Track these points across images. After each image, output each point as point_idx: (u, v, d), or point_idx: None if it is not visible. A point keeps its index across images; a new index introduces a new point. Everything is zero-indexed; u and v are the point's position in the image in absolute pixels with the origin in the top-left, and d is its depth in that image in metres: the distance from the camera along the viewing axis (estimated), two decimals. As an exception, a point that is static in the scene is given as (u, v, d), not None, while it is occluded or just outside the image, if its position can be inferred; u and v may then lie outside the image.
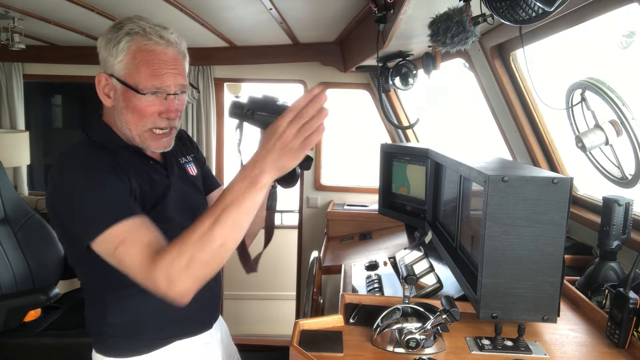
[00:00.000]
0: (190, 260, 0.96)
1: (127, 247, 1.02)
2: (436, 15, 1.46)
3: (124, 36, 1.14)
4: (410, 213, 2.20)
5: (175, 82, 1.17)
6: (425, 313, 1.19)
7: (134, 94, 1.14)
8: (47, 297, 2.25)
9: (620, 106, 1.30)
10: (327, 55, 3.23)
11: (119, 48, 1.13)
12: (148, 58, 1.14)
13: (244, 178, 0.96)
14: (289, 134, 0.93)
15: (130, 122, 1.17)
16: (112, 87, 1.17)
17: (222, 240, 0.97)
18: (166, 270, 0.97)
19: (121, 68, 1.14)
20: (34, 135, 4.06)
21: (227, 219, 0.96)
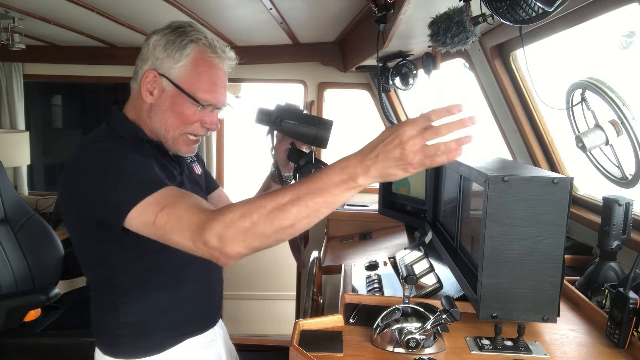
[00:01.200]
0: (253, 227, 0.90)
1: (172, 209, 0.97)
2: (436, 15, 1.46)
3: (189, 43, 1.15)
4: (410, 213, 2.20)
5: (224, 99, 1.22)
6: (425, 313, 1.19)
7: (185, 100, 1.15)
8: (47, 297, 2.25)
9: (620, 106, 1.30)
10: (327, 55, 3.23)
11: (183, 53, 1.14)
12: (210, 71, 1.16)
13: (342, 170, 0.89)
14: (413, 145, 0.83)
15: (169, 123, 1.18)
16: (160, 87, 1.16)
17: (293, 221, 0.90)
18: (223, 228, 0.90)
19: (180, 73, 1.15)
20: (34, 135, 4.05)
21: (309, 203, 0.89)
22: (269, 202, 0.90)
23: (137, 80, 1.20)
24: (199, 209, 0.96)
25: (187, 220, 0.95)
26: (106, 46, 3.39)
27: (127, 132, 1.19)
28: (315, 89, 3.42)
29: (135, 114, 1.22)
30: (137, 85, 1.19)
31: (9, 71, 3.62)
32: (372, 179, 0.88)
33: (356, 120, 4.53)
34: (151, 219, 0.98)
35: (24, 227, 2.63)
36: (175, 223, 0.96)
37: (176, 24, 1.18)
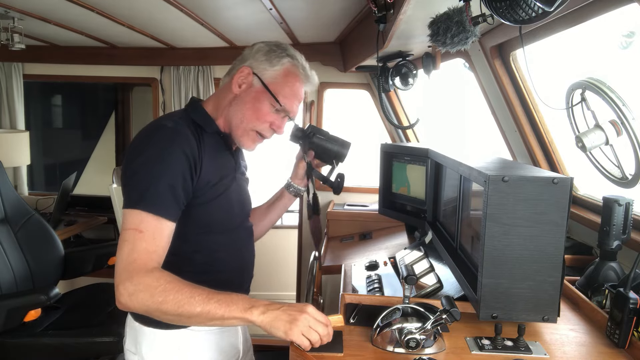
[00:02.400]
0: (161, 303, 1.08)
1: (141, 239, 1.13)
2: (436, 15, 1.46)
3: (287, 57, 1.35)
4: (410, 213, 2.20)
5: (296, 112, 1.40)
6: (425, 313, 1.19)
7: (267, 98, 1.32)
8: (47, 297, 2.25)
9: (620, 106, 1.30)
10: (327, 55, 3.23)
11: (279, 61, 1.33)
12: (295, 83, 1.35)
13: (246, 306, 1.09)
14: (308, 319, 1.07)
15: (246, 115, 1.33)
16: (249, 83, 1.33)
17: (188, 316, 1.09)
18: (142, 290, 1.08)
19: (270, 76, 1.33)
20: (34, 135, 4.06)
21: (206, 322, 1.10)
22: (186, 304, 1.08)
23: (230, 74, 1.38)
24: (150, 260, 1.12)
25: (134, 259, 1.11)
26: (106, 46, 3.39)
27: (199, 117, 1.33)
28: (315, 89, 3.42)
29: (214, 105, 1.37)
30: (229, 78, 1.37)
31: (9, 71, 3.62)
32: (261, 320, 1.07)
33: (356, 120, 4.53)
34: (126, 226, 1.15)
35: (24, 227, 2.63)
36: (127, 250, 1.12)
37: (283, 43, 1.38)
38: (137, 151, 1.22)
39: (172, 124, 1.25)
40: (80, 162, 4.84)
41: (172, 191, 1.17)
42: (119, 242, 1.14)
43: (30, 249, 2.61)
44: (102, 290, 2.78)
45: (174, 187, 1.18)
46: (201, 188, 1.25)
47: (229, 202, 1.35)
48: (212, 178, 1.28)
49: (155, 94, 3.63)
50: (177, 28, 2.77)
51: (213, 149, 1.31)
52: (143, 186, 1.16)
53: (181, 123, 1.27)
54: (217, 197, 1.30)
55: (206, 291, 1.10)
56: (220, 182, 1.31)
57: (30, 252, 2.61)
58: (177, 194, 1.18)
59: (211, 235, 1.32)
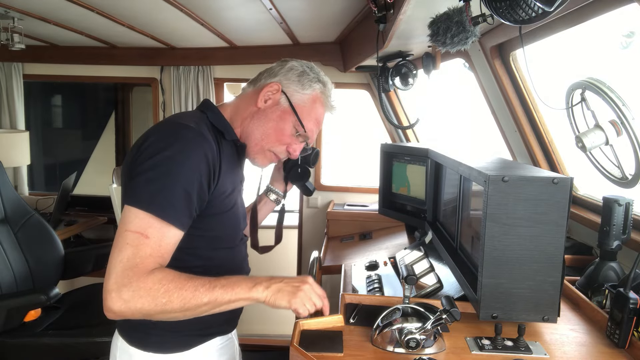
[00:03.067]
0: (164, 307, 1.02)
1: (143, 242, 1.03)
2: (436, 15, 1.46)
3: (318, 83, 1.32)
4: (410, 213, 2.20)
5: (314, 139, 1.38)
6: (425, 313, 1.19)
7: (291, 120, 1.29)
8: (47, 297, 2.25)
9: (620, 106, 1.30)
10: (327, 55, 3.23)
11: (311, 86, 1.30)
12: (320, 110, 1.33)
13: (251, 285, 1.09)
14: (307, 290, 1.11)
15: (267, 135, 1.29)
16: (276, 100, 1.29)
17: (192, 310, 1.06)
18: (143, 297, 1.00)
19: (299, 98, 1.29)
20: (34, 135, 4.06)
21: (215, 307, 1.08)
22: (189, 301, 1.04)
23: (255, 85, 1.33)
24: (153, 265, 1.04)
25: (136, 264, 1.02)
26: (106, 46, 3.39)
27: (220, 123, 1.27)
28: None
29: (232, 112, 1.31)
30: (254, 89, 1.32)
31: (9, 71, 3.62)
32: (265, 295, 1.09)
33: (356, 120, 4.53)
34: (130, 227, 1.04)
35: (24, 227, 2.63)
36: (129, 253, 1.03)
37: (316, 67, 1.36)
38: (155, 147, 1.10)
39: (195, 125, 1.16)
40: (80, 162, 4.84)
41: (187, 198, 1.09)
42: (116, 241, 1.04)
43: (30, 249, 2.61)
44: (102, 290, 2.77)
45: (190, 194, 1.09)
46: (216, 198, 1.18)
47: (236, 216, 1.29)
48: (227, 188, 1.22)
49: (155, 94, 3.63)
50: (177, 28, 2.77)
51: (228, 157, 1.25)
52: (156, 187, 1.06)
53: (203, 125, 1.20)
54: (229, 210, 1.24)
55: (207, 280, 1.07)
56: (232, 193, 1.25)
57: (30, 252, 2.61)
58: (191, 201, 1.10)
59: (219, 250, 1.27)
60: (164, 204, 1.06)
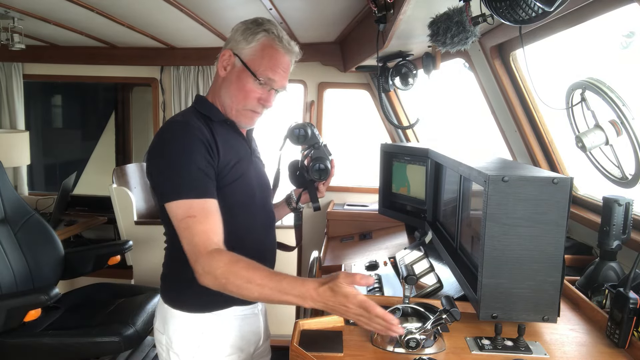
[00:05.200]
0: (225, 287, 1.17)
1: (195, 222, 1.20)
2: (436, 15, 1.46)
3: (262, 31, 1.36)
4: (410, 213, 2.20)
5: (282, 82, 1.40)
6: (425, 313, 1.19)
7: (248, 76, 1.35)
8: (47, 297, 2.25)
9: (620, 106, 1.30)
10: (327, 55, 3.23)
11: (255, 38, 1.35)
12: (272, 55, 1.37)
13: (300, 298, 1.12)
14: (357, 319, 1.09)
15: (234, 96, 1.38)
16: (232, 64, 1.38)
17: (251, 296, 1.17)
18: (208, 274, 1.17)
19: (248, 53, 1.36)
20: (34, 135, 4.06)
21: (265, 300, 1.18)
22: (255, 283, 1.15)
23: (218, 58, 1.41)
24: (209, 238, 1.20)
25: (196, 243, 1.19)
26: (106, 46, 3.39)
27: (206, 109, 1.39)
28: (315, 89, 3.42)
29: (212, 93, 1.43)
30: (218, 62, 1.40)
31: (9, 71, 3.62)
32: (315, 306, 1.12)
33: (356, 120, 4.53)
34: (179, 217, 1.22)
35: (24, 227, 2.63)
36: (189, 236, 1.21)
37: (260, 19, 1.40)
38: (158, 150, 1.30)
39: (181, 117, 1.35)
40: (80, 162, 4.84)
41: (201, 172, 1.25)
42: (180, 232, 1.22)
43: (30, 249, 2.61)
44: (102, 290, 2.77)
45: (202, 169, 1.25)
46: (222, 170, 1.31)
47: (249, 184, 1.41)
48: (231, 159, 1.34)
49: (155, 94, 3.63)
50: (177, 28, 2.77)
51: (225, 135, 1.37)
52: (176, 178, 1.24)
53: (189, 115, 1.35)
54: (238, 179, 1.36)
55: (262, 276, 1.15)
56: (238, 163, 1.37)
57: (30, 252, 2.61)
58: (206, 173, 1.26)
59: (234, 218, 1.36)
60: (189, 186, 1.23)
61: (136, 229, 3.25)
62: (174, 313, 1.39)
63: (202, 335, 1.39)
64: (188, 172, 1.24)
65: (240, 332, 1.44)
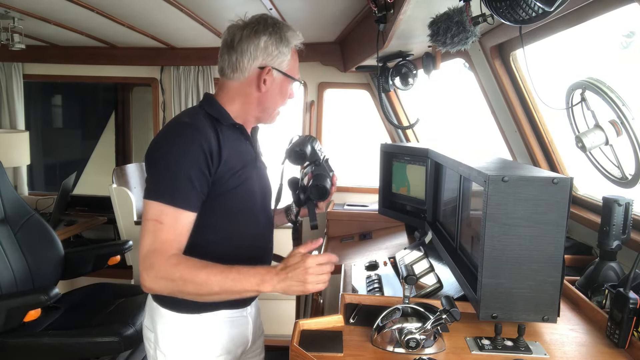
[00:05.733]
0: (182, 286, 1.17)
1: (159, 227, 1.20)
2: (436, 15, 1.46)
3: (292, 37, 1.40)
4: (410, 213, 2.20)
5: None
6: (425, 313, 1.19)
7: (289, 82, 1.42)
8: (47, 297, 2.25)
9: (620, 106, 1.30)
10: (327, 55, 3.23)
11: (288, 47, 1.39)
12: (296, 56, 1.45)
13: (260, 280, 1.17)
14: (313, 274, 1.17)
15: (277, 103, 1.42)
16: (272, 79, 1.38)
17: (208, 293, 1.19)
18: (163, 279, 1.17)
19: (286, 64, 1.39)
20: (34, 135, 4.06)
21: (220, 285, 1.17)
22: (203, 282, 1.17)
23: (243, 73, 1.37)
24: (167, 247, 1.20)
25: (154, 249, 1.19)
26: (106, 46, 3.39)
27: (215, 111, 1.37)
28: (315, 89, 3.42)
29: (228, 100, 1.41)
30: (245, 79, 1.38)
31: (9, 71, 3.62)
32: (275, 290, 1.17)
33: (356, 120, 4.53)
34: (148, 216, 1.22)
35: (24, 227, 2.63)
36: (149, 239, 1.20)
37: (269, 21, 1.39)
38: (157, 146, 1.29)
39: (189, 119, 1.32)
40: (80, 162, 4.84)
41: (190, 182, 1.23)
42: (141, 230, 1.22)
43: (30, 249, 2.61)
44: (102, 290, 2.78)
45: (192, 179, 1.23)
46: (224, 175, 1.30)
47: (251, 189, 1.40)
48: (235, 165, 1.33)
49: (155, 94, 3.63)
50: (177, 28, 2.77)
51: (232, 139, 1.36)
52: (162, 179, 1.24)
53: (198, 117, 1.33)
54: (241, 185, 1.35)
55: (220, 271, 1.17)
56: (242, 169, 1.36)
57: (30, 252, 2.61)
58: (195, 184, 1.24)
59: (235, 223, 1.38)
60: (171, 191, 1.22)
61: (136, 229, 3.25)
62: (163, 312, 1.40)
63: (189, 336, 1.39)
64: (176, 178, 1.23)
65: (228, 335, 1.44)
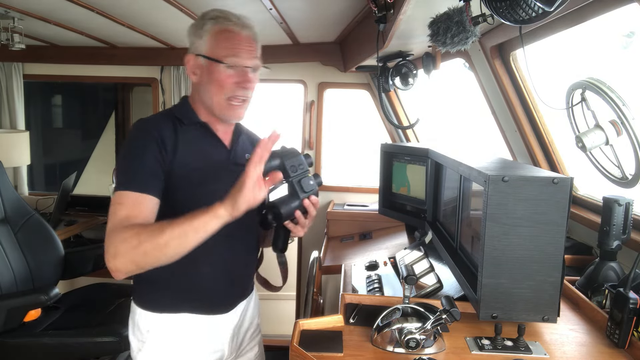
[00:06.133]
0: (138, 245, 1.12)
1: (119, 209, 1.21)
2: (436, 15, 1.46)
3: (208, 20, 1.34)
4: (410, 213, 2.20)
5: (250, 58, 1.35)
6: (425, 313, 1.19)
7: (216, 66, 1.32)
8: (47, 297, 2.25)
9: (620, 106, 1.30)
10: (327, 55, 3.23)
11: (204, 29, 1.34)
12: (227, 37, 1.33)
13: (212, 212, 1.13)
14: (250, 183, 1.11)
15: (212, 92, 1.34)
16: (198, 65, 1.36)
17: (165, 243, 1.12)
18: (119, 243, 1.14)
19: (206, 47, 1.34)
20: (34, 135, 4.05)
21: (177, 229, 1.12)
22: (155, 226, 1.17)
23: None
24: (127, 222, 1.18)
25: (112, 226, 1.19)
26: (106, 46, 3.39)
27: (180, 111, 1.40)
28: (315, 89, 3.42)
29: (192, 97, 1.44)
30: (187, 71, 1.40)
31: (9, 71, 3.62)
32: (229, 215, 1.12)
33: (356, 120, 4.53)
34: (111, 204, 1.24)
35: (24, 227, 2.63)
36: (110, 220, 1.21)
37: (203, 13, 1.38)
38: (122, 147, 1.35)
39: (150, 117, 1.39)
40: (80, 162, 4.84)
41: (147, 169, 1.26)
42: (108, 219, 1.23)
43: (30, 249, 2.61)
44: (102, 290, 2.78)
45: (148, 166, 1.26)
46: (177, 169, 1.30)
47: (213, 194, 1.19)
48: (189, 161, 1.32)
49: (155, 94, 3.63)
50: (177, 28, 2.76)
51: (195, 137, 1.37)
52: (123, 172, 1.28)
53: (156, 115, 1.40)
54: (200, 186, 1.33)
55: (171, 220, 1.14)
56: (203, 170, 1.35)
57: (30, 252, 2.61)
58: (153, 171, 1.27)
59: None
60: (129, 180, 1.25)
61: (136, 229, 3.24)
62: (132, 305, 1.44)
63: (148, 333, 1.40)
64: (133, 168, 1.27)
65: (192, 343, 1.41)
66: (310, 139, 3.44)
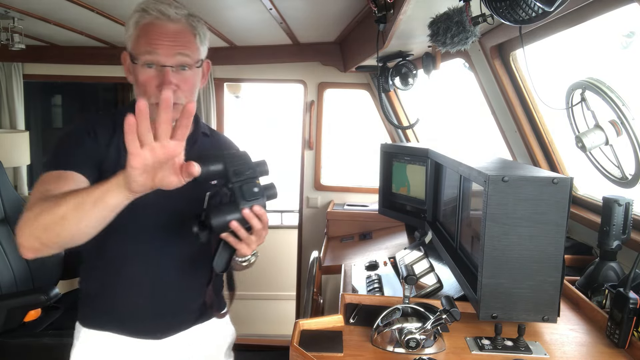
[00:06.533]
0: (37, 217, 1.00)
1: (38, 186, 1.11)
2: (436, 15, 1.46)
3: (134, 13, 1.19)
4: (410, 213, 2.20)
5: (171, 54, 1.16)
6: (425, 313, 1.19)
7: (135, 66, 1.17)
8: (47, 297, 2.25)
9: (620, 106, 1.30)
10: (327, 55, 3.23)
11: (129, 24, 1.19)
12: (147, 30, 1.16)
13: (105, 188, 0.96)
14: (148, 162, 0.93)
15: (139, 94, 1.19)
16: (129, 63, 1.22)
17: (63, 214, 0.96)
18: (24, 216, 1.03)
19: (130, 42, 1.19)
20: (34, 135, 4.05)
21: (75, 199, 0.96)
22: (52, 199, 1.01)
23: None
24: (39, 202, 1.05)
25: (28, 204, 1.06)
26: (106, 46, 3.39)
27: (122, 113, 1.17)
28: (315, 89, 3.42)
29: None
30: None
31: (9, 71, 3.62)
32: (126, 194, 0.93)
33: (356, 120, 4.54)
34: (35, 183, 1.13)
35: (24, 227, 2.63)
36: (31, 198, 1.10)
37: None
38: None
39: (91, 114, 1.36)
40: (80, 162, 4.83)
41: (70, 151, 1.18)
42: None
43: (30, 249, 2.61)
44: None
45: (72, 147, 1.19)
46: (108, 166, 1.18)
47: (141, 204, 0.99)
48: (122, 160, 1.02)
49: (155, 94, 3.62)
50: (177, 28, 2.76)
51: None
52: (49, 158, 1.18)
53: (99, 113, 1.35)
54: None
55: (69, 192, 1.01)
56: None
57: (30, 252, 2.61)
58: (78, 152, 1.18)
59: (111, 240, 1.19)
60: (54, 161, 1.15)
61: (136, 229, 3.24)
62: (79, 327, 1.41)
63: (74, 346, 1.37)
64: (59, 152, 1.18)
65: None
66: (310, 139, 3.44)
